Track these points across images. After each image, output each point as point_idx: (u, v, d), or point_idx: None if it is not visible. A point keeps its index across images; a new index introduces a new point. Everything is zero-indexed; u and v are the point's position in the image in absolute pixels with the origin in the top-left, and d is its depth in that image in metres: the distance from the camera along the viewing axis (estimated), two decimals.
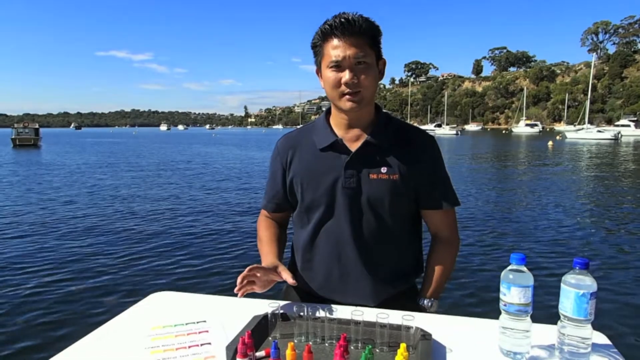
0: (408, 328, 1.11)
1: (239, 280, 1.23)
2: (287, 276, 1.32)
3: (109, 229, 7.55)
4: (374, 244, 1.40)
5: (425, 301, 1.43)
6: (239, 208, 9.60)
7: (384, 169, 1.37)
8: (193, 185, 13.68)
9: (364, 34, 1.29)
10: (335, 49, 1.29)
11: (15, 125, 43.39)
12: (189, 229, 7.58)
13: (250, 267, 1.25)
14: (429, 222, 1.49)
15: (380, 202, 1.37)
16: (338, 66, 1.30)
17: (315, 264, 1.45)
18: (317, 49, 1.36)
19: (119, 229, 7.55)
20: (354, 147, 1.39)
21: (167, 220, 8.26)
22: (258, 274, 1.28)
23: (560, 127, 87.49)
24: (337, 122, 1.43)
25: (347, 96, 1.32)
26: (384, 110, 1.47)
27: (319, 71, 1.40)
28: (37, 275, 5.19)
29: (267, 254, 1.45)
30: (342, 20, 1.28)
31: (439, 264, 1.46)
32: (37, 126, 44.23)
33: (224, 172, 17.58)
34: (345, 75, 1.29)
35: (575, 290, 1.00)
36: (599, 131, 52.15)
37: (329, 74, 1.32)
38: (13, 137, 40.82)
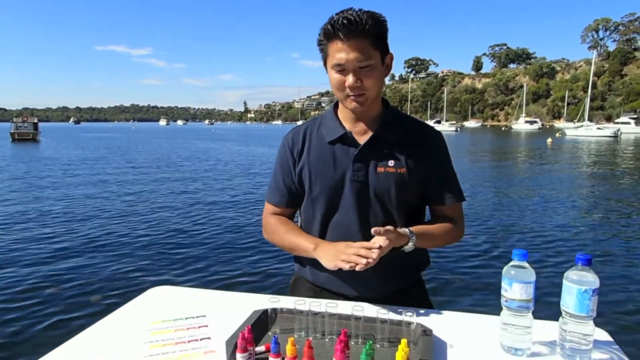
0: (409, 324, 1.10)
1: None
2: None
3: (108, 223, 7.54)
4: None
5: (407, 230, 1.33)
6: (241, 203, 9.59)
7: (391, 162, 1.38)
8: (193, 179, 13.67)
9: (367, 34, 1.27)
10: (339, 52, 1.29)
11: (14, 120, 43.26)
12: (189, 223, 7.58)
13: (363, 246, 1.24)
14: (436, 218, 1.48)
15: (387, 195, 1.38)
16: (342, 69, 1.31)
17: None
18: (322, 46, 1.36)
19: (118, 223, 7.54)
20: (362, 140, 1.40)
21: (168, 215, 8.26)
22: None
23: (559, 124, 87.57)
24: (345, 116, 1.45)
25: (352, 97, 1.34)
26: (392, 105, 1.48)
27: (326, 66, 1.40)
28: (36, 269, 5.19)
29: (310, 237, 1.43)
30: (345, 21, 1.25)
31: (438, 223, 1.44)
32: (36, 120, 44.06)
33: (226, 168, 17.56)
34: (349, 79, 1.30)
35: (577, 286, 0.99)
36: (599, 128, 52.10)
37: (334, 75, 1.34)
38: (12, 131, 40.69)
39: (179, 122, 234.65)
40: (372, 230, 1.23)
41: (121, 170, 16.54)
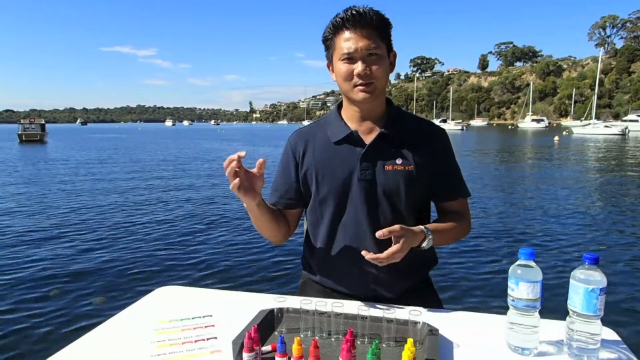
0: (415, 323, 1.10)
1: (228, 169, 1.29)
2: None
3: (115, 223, 7.58)
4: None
5: (423, 228, 1.32)
6: None
7: (399, 160, 1.38)
8: (201, 181, 13.71)
9: (374, 26, 1.31)
10: (347, 41, 1.31)
11: (22, 121, 43.54)
12: (196, 223, 7.60)
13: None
14: (444, 214, 1.49)
15: (396, 193, 1.38)
16: (350, 58, 1.32)
17: (333, 259, 1.44)
18: (329, 42, 1.38)
19: (126, 223, 7.58)
20: (368, 139, 1.40)
21: (174, 215, 8.28)
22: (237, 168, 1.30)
23: (566, 122, 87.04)
24: (350, 116, 1.44)
25: (360, 87, 1.33)
26: (395, 104, 1.48)
27: (330, 65, 1.42)
28: (42, 269, 5.22)
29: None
30: (354, 12, 1.30)
31: (448, 219, 1.44)
32: (43, 122, 44.29)
33: None
34: (358, 67, 1.31)
35: (584, 285, 0.99)
36: (606, 126, 51.74)
37: (341, 66, 1.34)
38: (19, 132, 40.92)
39: (185, 123, 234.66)
40: (377, 234, 1.23)
41: (128, 171, 16.61)
